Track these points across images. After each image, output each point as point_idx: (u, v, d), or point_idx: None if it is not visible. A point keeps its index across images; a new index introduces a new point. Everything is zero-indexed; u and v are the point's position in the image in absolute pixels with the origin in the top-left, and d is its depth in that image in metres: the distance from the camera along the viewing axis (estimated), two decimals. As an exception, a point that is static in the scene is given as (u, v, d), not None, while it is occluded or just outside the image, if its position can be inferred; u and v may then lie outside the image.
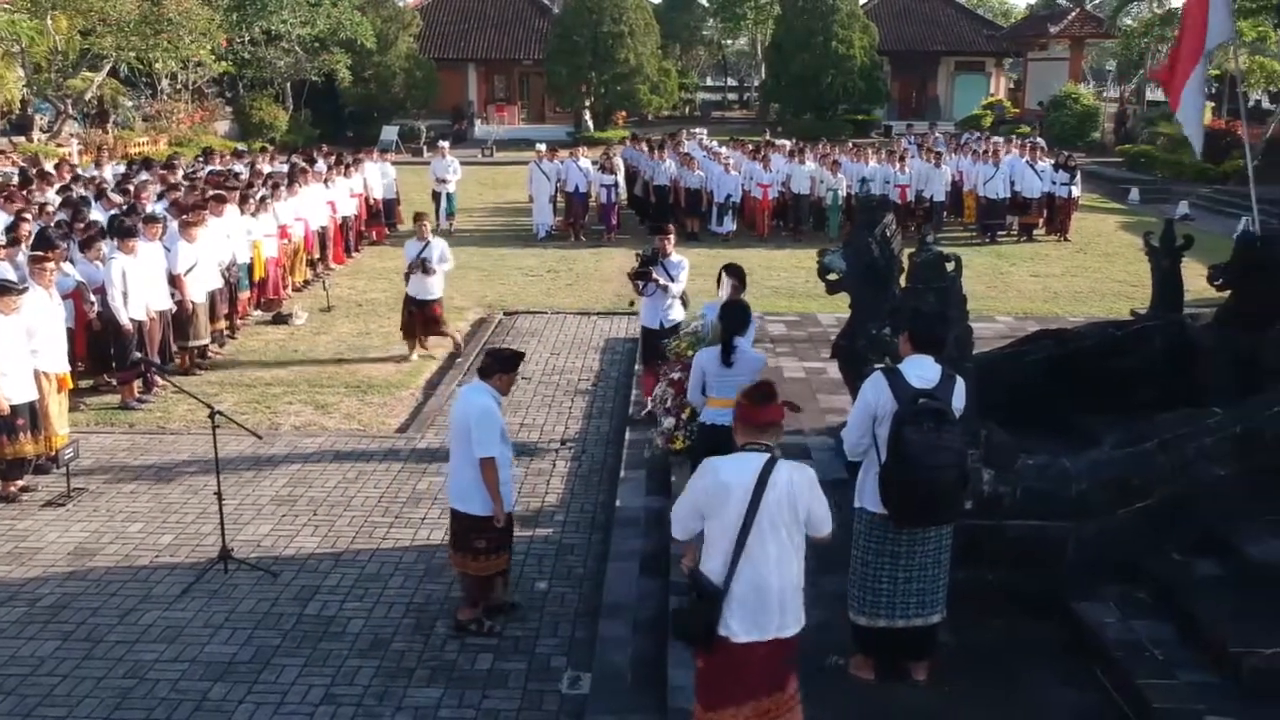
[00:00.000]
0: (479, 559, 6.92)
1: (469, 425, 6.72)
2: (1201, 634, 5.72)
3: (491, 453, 6.70)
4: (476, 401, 6.79)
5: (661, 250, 10.79)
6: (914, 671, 5.80)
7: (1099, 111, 42.96)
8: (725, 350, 7.46)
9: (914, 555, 5.59)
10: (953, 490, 5.40)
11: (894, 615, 5.66)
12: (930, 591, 5.64)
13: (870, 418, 5.55)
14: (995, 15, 67.05)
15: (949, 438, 5.29)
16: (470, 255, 20.57)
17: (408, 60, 43.77)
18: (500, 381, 6.91)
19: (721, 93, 73.20)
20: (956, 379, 5.53)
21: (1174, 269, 8.48)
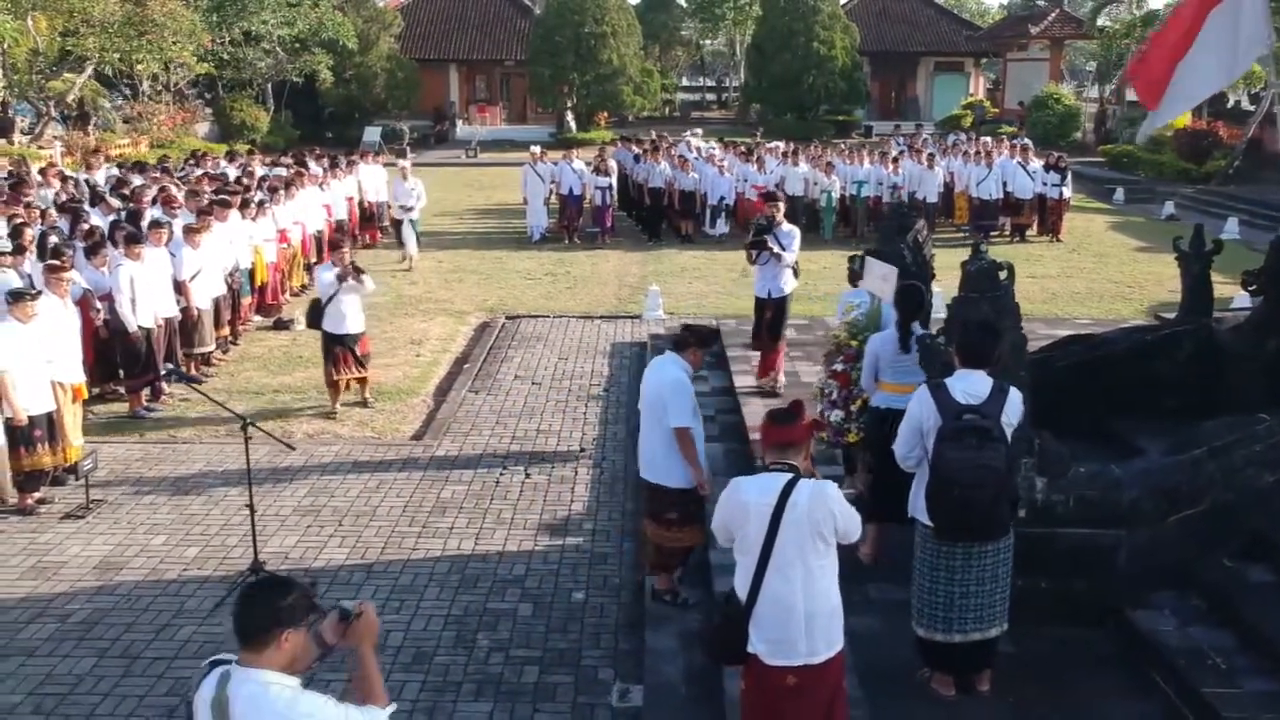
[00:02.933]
0: (671, 530, 7.00)
1: (662, 396, 6.83)
2: (1263, 641, 5.73)
3: (686, 422, 6.77)
4: (670, 373, 6.89)
5: (773, 219, 10.83)
6: (978, 683, 5.78)
7: (1080, 112, 43.26)
8: (904, 336, 7.24)
9: (970, 570, 5.54)
10: (992, 508, 5.33)
11: (951, 630, 5.63)
12: (988, 606, 5.59)
13: (917, 432, 5.52)
14: (973, 16, 67.47)
15: (990, 455, 5.22)
16: (466, 258, 20.51)
17: (389, 61, 43.60)
18: (694, 356, 7.02)
19: (700, 93, 73.22)
20: (1010, 393, 5.44)
21: (1204, 274, 8.49)
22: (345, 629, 3.61)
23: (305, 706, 3.34)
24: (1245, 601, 6.08)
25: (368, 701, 3.58)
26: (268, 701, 3.30)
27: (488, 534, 8.67)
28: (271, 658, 3.36)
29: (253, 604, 3.42)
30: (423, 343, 14.42)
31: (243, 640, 3.40)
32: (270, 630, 3.36)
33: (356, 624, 3.62)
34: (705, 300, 17.04)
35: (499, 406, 11.94)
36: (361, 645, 3.63)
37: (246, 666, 3.37)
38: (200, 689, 3.43)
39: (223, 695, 3.34)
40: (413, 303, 16.73)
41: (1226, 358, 8.18)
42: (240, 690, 3.33)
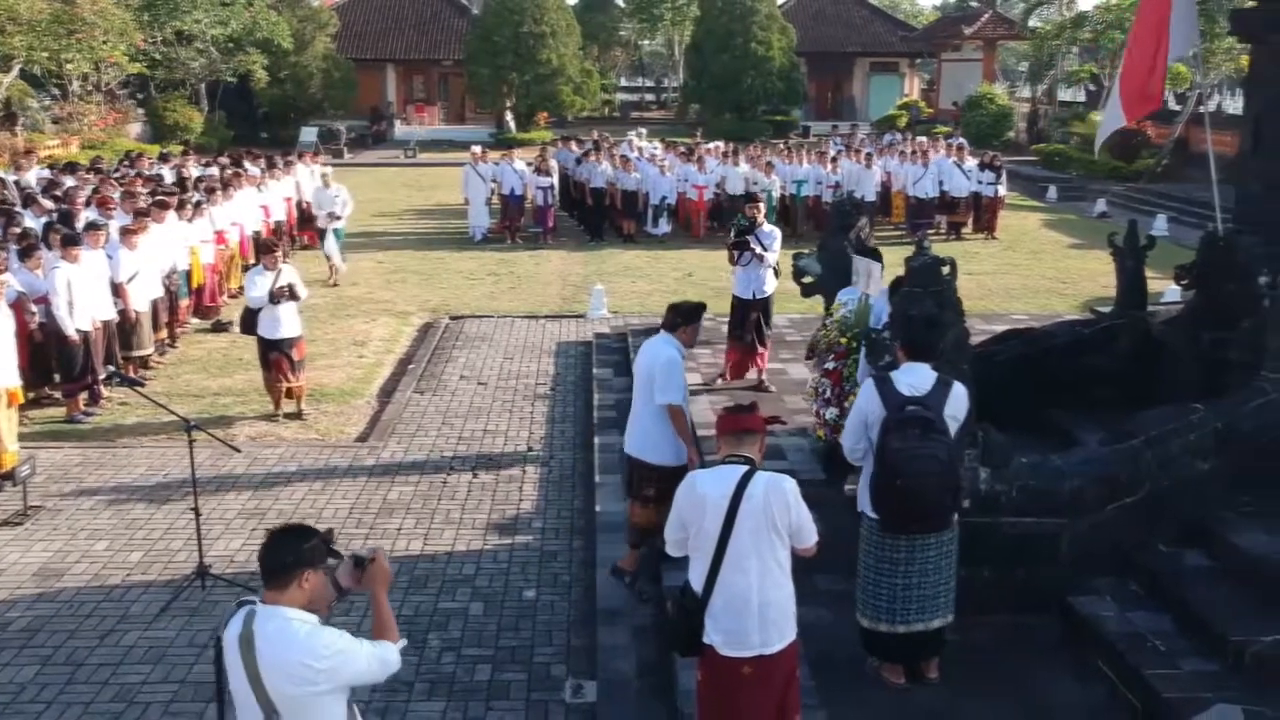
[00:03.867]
0: (646, 507, 7.09)
1: (653, 375, 6.92)
2: (1200, 624, 5.89)
3: (677, 400, 6.87)
4: (662, 352, 6.98)
5: (754, 220, 10.86)
6: (925, 671, 5.88)
7: (1013, 111, 44.00)
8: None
9: (914, 562, 5.64)
10: (937, 498, 5.42)
11: (895, 620, 5.73)
12: (931, 598, 5.68)
13: (863, 424, 5.62)
14: (907, 17, 68.29)
15: (932, 446, 5.32)
16: (407, 259, 20.38)
17: (325, 60, 43.17)
18: (685, 334, 7.10)
19: (639, 93, 73.36)
20: (953, 386, 5.52)
21: (1138, 269, 8.71)
22: (360, 574, 3.95)
23: (325, 639, 3.65)
24: (1182, 585, 6.25)
25: (381, 638, 3.93)
26: (290, 634, 3.61)
27: (436, 534, 8.64)
28: (294, 596, 3.68)
29: (278, 546, 3.72)
30: (365, 344, 14.32)
31: (267, 580, 3.71)
32: (292, 570, 3.67)
33: (370, 569, 3.95)
34: (649, 299, 17.08)
35: (445, 407, 11.90)
36: (375, 589, 3.97)
37: (271, 605, 3.68)
38: (229, 626, 3.73)
39: (249, 631, 3.64)
40: (354, 304, 16.60)
41: (1161, 350, 8.38)
42: (265, 626, 3.63)
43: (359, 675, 3.79)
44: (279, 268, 10.98)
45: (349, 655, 3.71)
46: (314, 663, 3.60)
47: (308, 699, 3.64)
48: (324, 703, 3.69)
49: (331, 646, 3.64)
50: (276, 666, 3.60)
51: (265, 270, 10.95)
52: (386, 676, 3.95)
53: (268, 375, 11.12)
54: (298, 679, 3.60)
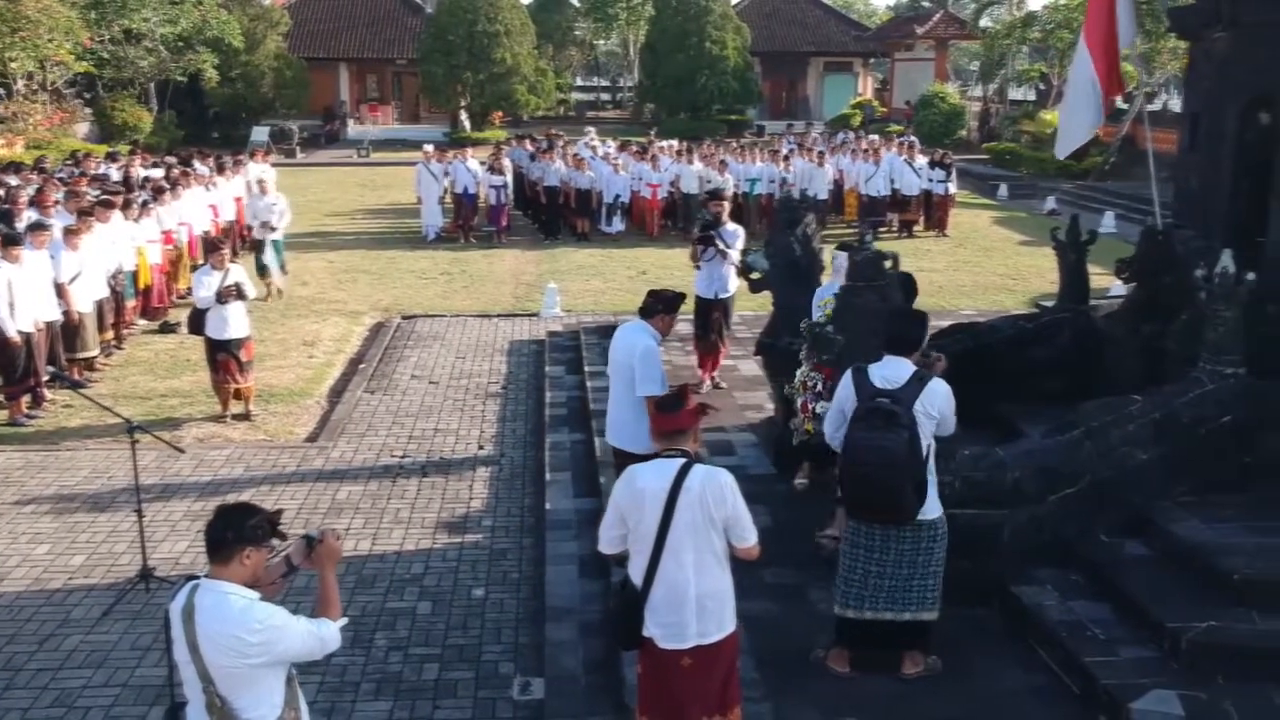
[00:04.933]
0: None
1: (631, 364, 6.88)
2: (1138, 612, 5.99)
3: (656, 391, 6.75)
4: (640, 342, 6.94)
5: (717, 218, 10.80)
6: (903, 665, 5.91)
7: (965, 110, 44.43)
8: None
9: (888, 551, 5.71)
10: (893, 489, 5.46)
11: (862, 607, 5.80)
12: (903, 590, 5.73)
13: (841, 413, 5.74)
14: (861, 17, 68.71)
15: (890, 438, 5.38)
16: (359, 259, 20.25)
17: (277, 60, 42.79)
18: (662, 322, 7.04)
19: (595, 93, 73.30)
20: (930, 382, 5.58)
21: (1080, 263, 8.83)
22: (309, 553, 4.07)
23: (259, 614, 3.75)
24: (1121, 574, 6.34)
25: (324, 615, 4.02)
26: (226, 608, 3.73)
27: (385, 534, 8.59)
28: (235, 571, 3.79)
29: (221, 522, 3.84)
30: (316, 344, 14.20)
31: (210, 554, 3.84)
32: (234, 546, 3.78)
33: (319, 549, 4.07)
34: (603, 297, 17.09)
35: (395, 407, 11.83)
36: (323, 568, 4.09)
37: (213, 579, 3.81)
38: (175, 599, 3.86)
39: (190, 604, 3.78)
40: (305, 304, 16.45)
41: (1103, 342, 8.51)
42: (204, 599, 3.77)
43: (294, 651, 3.88)
44: (226, 267, 10.86)
45: (283, 630, 3.80)
46: (247, 636, 3.71)
47: (242, 671, 3.76)
48: (258, 675, 3.80)
49: (266, 621, 3.75)
50: (212, 638, 3.73)
51: (213, 270, 10.81)
52: (325, 654, 4.01)
53: (215, 376, 10.99)
54: (231, 651, 3.73)
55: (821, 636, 6.33)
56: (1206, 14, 8.42)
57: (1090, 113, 9.01)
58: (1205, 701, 5.35)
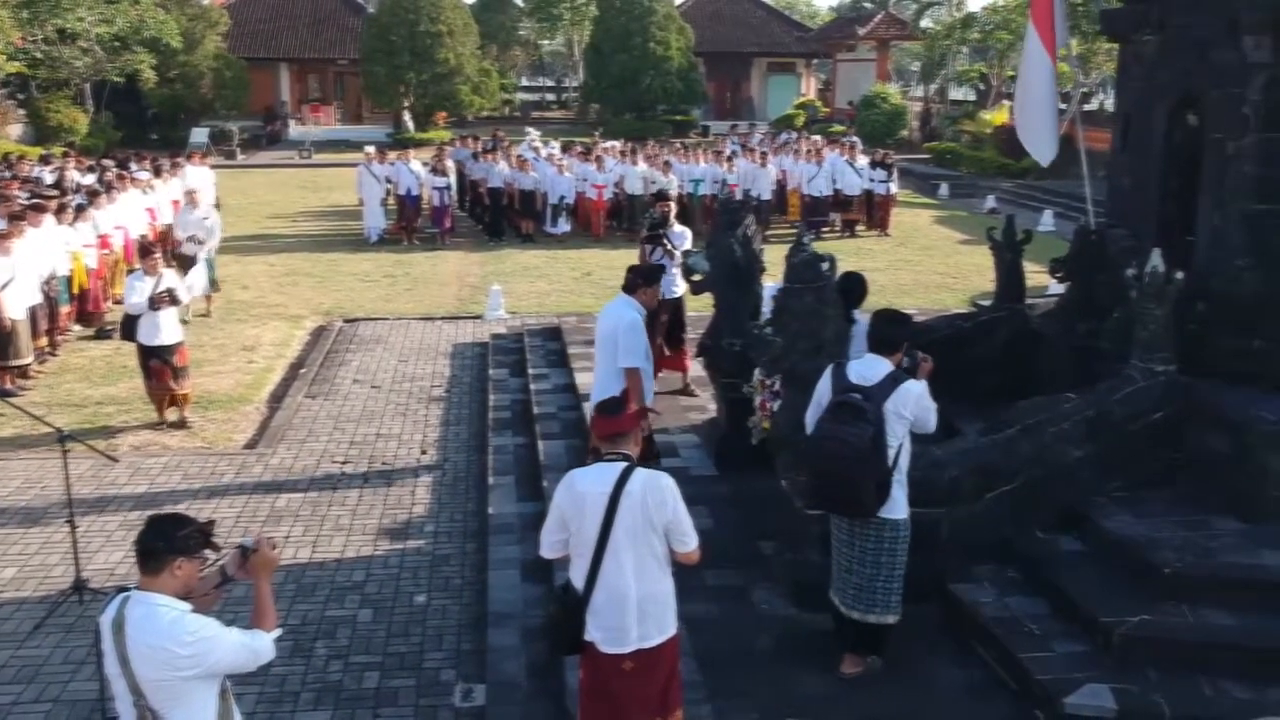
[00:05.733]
0: None
1: (616, 337, 7.01)
2: (1072, 607, 6.07)
3: (639, 363, 6.97)
4: (625, 315, 7.09)
5: (665, 218, 10.78)
6: (843, 664, 5.96)
7: (906, 110, 44.87)
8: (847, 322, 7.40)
9: (854, 547, 5.80)
10: (852, 483, 5.53)
11: (842, 598, 5.91)
12: (869, 590, 5.78)
13: (817, 406, 5.86)
14: (804, 18, 69.15)
15: (854, 433, 5.48)
16: (300, 261, 20.02)
17: (216, 60, 42.14)
18: (645, 295, 7.23)
19: (539, 93, 73.10)
20: (904, 383, 5.64)
21: (1016, 262, 8.95)
22: (244, 563, 4.04)
23: (190, 626, 3.71)
24: (1056, 570, 6.43)
25: (257, 626, 3.99)
26: (155, 620, 3.69)
27: (325, 541, 8.51)
28: (165, 583, 3.76)
29: (151, 532, 3.80)
30: (255, 349, 14.02)
31: (141, 565, 3.80)
32: (164, 556, 3.75)
33: (254, 558, 4.03)
34: (547, 299, 17.05)
35: (336, 411, 11.71)
36: (258, 578, 4.05)
37: (144, 590, 3.77)
38: (105, 612, 3.82)
39: (120, 616, 3.74)
40: (244, 308, 16.24)
41: (1039, 341, 8.63)
42: (134, 611, 3.73)
43: (226, 663, 3.84)
44: (160, 273, 10.72)
45: (215, 642, 3.76)
46: (177, 648, 3.67)
47: (172, 684, 3.72)
48: (189, 688, 3.76)
49: (196, 633, 3.71)
50: (142, 651, 3.69)
51: (146, 275, 10.67)
52: (259, 665, 3.97)
53: (149, 383, 10.81)
54: (161, 664, 3.69)
55: (764, 637, 6.38)
56: (1136, 17, 8.57)
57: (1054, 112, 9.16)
58: (1137, 694, 5.44)
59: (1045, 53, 8.65)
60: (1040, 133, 8.99)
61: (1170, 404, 6.90)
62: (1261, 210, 7.11)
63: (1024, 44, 9.34)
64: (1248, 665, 5.60)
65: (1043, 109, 8.94)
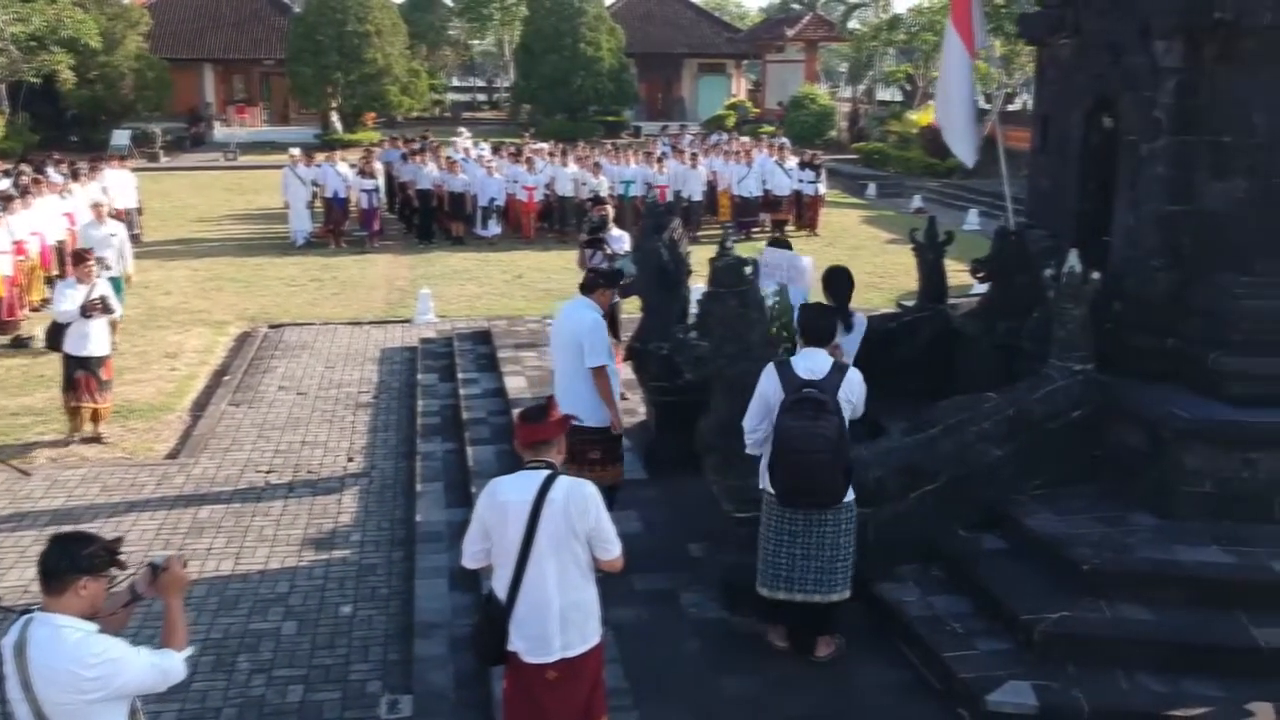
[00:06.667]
0: (594, 470, 7.07)
1: (578, 339, 7.05)
2: (995, 605, 6.15)
3: (604, 361, 7.01)
4: (585, 316, 7.14)
5: (604, 221, 10.74)
6: (817, 648, 6.11)
7: (834, 111, 45.30)
8: (844, 315, 7.58)
9: (811, 535, 5.94)
10: (827, 474, 5.76)
11: (793, 589, 6.01)
12: (829, 571, 5.97)
13: (765, 405, 5.93)
14: (733, 19, 69.49)
15: (823, 425, 5.70)
16: (225, 266, 19.70)
17: (137, 60, 41.26)
18: (603, 296, 7.31)
19: (470, 93, 72.63)
20: (847, 372, 5.92)
21: (937, 263, 9.06)
22: (154, 580, 3.95)
23: (95, 646, 3.62)
24: (979, 569, 6.51)
25: (167, 645, 3.88)
26: (59, 642, 3.60)
27: (249, 553, 8.36)
28: (70, 603, 3.65)
29: (54, 552, 3.69)
30: (178, 356, 13.76)
31: (44, 586, 3.69)
32: (67, 576, 3.65)
33: (164, 576, 3.94)
34: (478, 302, 16.95)
35: (261, 419, 11.52)
36: (169, 596, 3.96)
37: (47, 612, 3.66)
38: (7, 635, 3.70)
39: (23, 638, 3.63)
40: (167, 314, 15.93)
41: (961, 341, 8.74)
42: (37, 633, 3.62)
43: (135, 684, 3.74)
44: (93, 281, 10.42)
45: (122, 663, 3.67)
46: (82, 670, 3.58)
47: (78, 708, 3.62)
48: (97, 712, 3.66)
49: (102, 655, 3.62)
50: (45, 674, 3.59)
51: (78, 283, 10.38)
52: (168, 685, 3.88)
53: (70, 395, 10.49)
54: (66, 686, 3.59)
55: (693, 640, 6.38)
56: (1053, 21, 8.71)
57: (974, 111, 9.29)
58: (1057, 690, 5.52)
59: (965, 53, 8.77)
60: (962, 133, 9.11)
61: (1088, 402, 7.01)
62: (1173, 211, 7.26)
63: (944, 45, 9.47)
64: (1163, 659, 5.71)
65: (964, 109, 9.06)
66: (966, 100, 9.04)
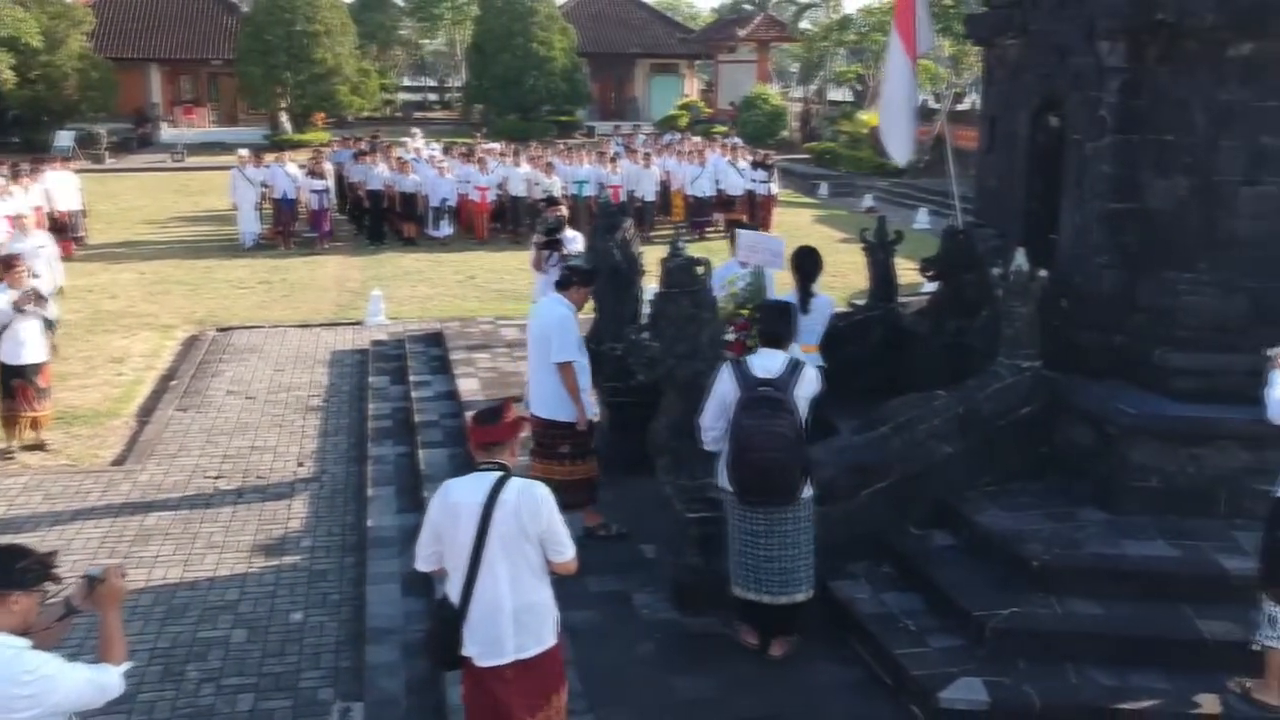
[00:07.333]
0: (564, 464, 7.17)
1: (548, 334, 7.06)
2: (946, 602, 6.19)
3: (572, 357, 7.03)
4: (556, 311, 7.15)
5: (561, 222, 10.68)
6: (772, 647, 6.14)
7: (786, 111, 45.52)
8: (804, 298, 7.79)
9: (774, 535, 5.96)
10: (785, 472, 5.80)
11: (761, 590, 6.04)
12: (791, 571, 6.00)
13: (721, 405, 5.97)
14: (686, 19, 69.61)
15: (780, 423, 5.76)
16: (172, 269, 19.42)
17: (81, 60, 40.51)
18: (577, 294, 7.28)
19: (422, 93, 72.17)
20: (802, 368, 5.95)
21: (887, 262, 9.11)
22: (91, 593, 3.85)
23: (28, 663, 3.53)
24: (930, 566, 6.55)
25: (104, 660, 3.81)
26: None
27: (197, 560, 8.24)
28: (1, 619, 3.58)
29: None
30: (124, 360, 13.54)
31: None
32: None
33: (101, 588, 3.85)
34: (430, 303, 16.84)
35: (209, 424, 11.36)
36: (106, 609, 3.87)
37: None
38: None
39: None
40: (112, 318, 15.66)
41: (911, 339, 8.80)
42: None
43: (70, 702, 3.66)
44: (24, 285, 10.18)
45: (56, 680, 3.58)
46: (14, 689, 3.50)
47: None
48: None
49: (36, 671, 3.54)
50: None
51: (9, 288, 10.12)
52: (105, 701, 3.80)
53: (8, 404, 10.28)
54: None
55: (646, 642, 6.36)
56: (1000, 22, 8.80)
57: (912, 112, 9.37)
58: (1009, 686, 5.56)
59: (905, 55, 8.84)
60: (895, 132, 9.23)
61: (1036, 399, 7.09)
62: (1118, 209, 7.36)
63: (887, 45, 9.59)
64: (1112, 653, 5.77)
65: (899, 110, 9.16)
66: (903, 101, 9.13)
